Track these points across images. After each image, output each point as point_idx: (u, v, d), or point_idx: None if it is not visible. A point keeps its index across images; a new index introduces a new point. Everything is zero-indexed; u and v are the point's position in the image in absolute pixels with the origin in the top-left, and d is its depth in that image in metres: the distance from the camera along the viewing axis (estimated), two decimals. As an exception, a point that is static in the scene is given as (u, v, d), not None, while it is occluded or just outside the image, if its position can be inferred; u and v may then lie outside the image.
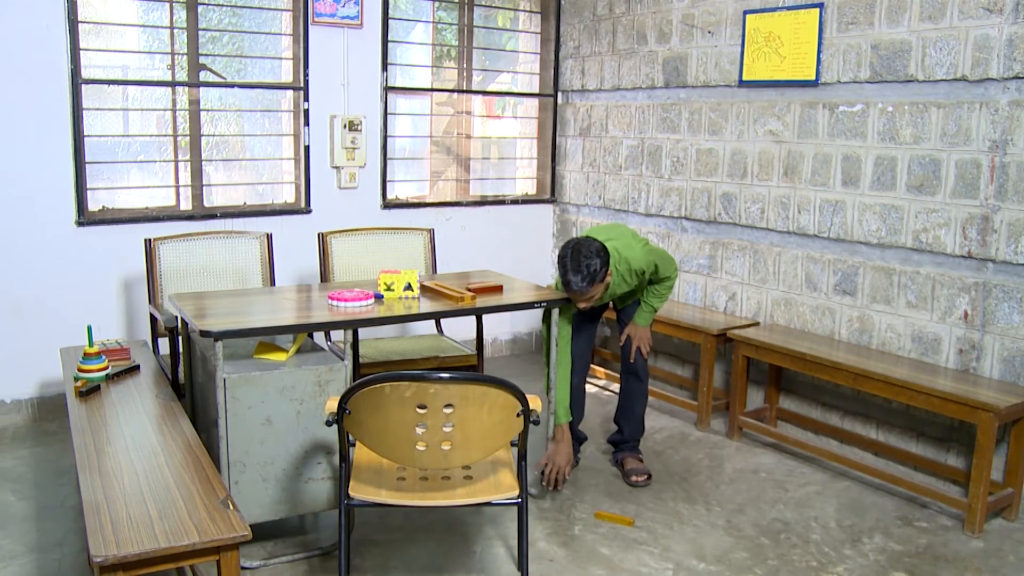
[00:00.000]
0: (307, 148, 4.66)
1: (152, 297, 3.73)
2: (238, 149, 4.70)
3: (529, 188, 5.72)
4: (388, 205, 4.98)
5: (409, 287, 3.31)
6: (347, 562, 2.59)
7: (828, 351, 3.80)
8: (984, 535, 3.22)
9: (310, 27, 4.55)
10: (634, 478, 3.58)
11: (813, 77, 4.01)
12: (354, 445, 2.69)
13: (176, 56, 4.31)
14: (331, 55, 4.65)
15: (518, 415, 2.41)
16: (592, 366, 4.86)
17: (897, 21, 3.68)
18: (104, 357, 3.15)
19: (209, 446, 2.78)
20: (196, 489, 2.23)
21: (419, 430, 2.35)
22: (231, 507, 2.14)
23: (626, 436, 3.73)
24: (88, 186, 4.10)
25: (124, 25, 4.29)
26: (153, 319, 3.72)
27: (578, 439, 3.75)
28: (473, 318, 4.06)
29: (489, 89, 5.53)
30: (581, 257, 3.10)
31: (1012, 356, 3.42)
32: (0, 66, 3.82)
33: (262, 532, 3.02)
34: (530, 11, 5.53)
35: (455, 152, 5.44)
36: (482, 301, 3.30)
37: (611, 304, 3.70)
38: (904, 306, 3.76)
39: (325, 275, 4.03)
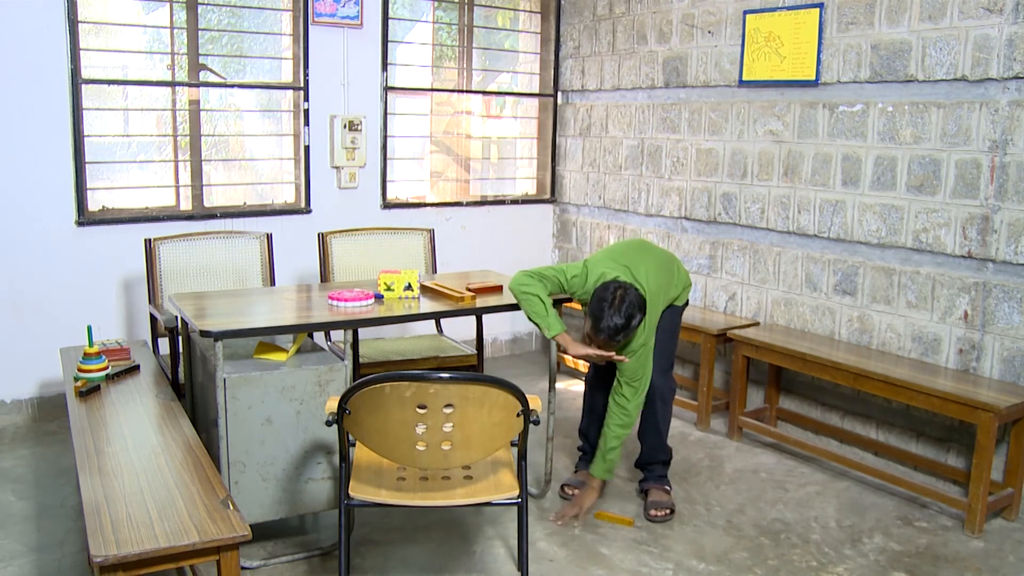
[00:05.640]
0: (307, 148, 4.65)
1: (152, 297, 3.73)
2: (238, 149, 4.70)
3: (529, 188, 5.71)
4: (388, 205, 4.98)
5: (409, 287, 3.31)
6: (347, 562, 2.59)
7: (828, 351, 3.79)
8: (984, 535, 3.22)
9: (310, 27, 4.55)
10: (652, 512, 3.28)
11: (813, 77, 4.01)
12: (354, 445, 2.68)
13: (176, 56, 4.31)
14: (331, 55, 4.65)
15: (518, 415, 2.41)
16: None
17: (897, 21, 3.68)
18: (104, 357, 3.15)
19: (209, 446, 2.78)
20: (196, 489, 2.23)
21: (419, 430, 2.35)
22: (231, 507, 2.14)
23: (646, 457, 3.42)
24: (88, 186, 4.10)
25: (124, 25, 4.29)
26: (153, 319, 3.72)
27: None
28: (473, 318, 4.05)
29: (489, 89, 5.53)
30: (623, 306, 2.85)
31: (1012, 356, 3.42)
32: (0, 66, 3.82)
33: (262, 532, 3.02)
34: (530, 11, 5.53)
35: (455, 152, 5.44)
36: (482, 301, 3.30)
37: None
38: (904, 306, 3.76)
39: (325, 275, 4.03)
